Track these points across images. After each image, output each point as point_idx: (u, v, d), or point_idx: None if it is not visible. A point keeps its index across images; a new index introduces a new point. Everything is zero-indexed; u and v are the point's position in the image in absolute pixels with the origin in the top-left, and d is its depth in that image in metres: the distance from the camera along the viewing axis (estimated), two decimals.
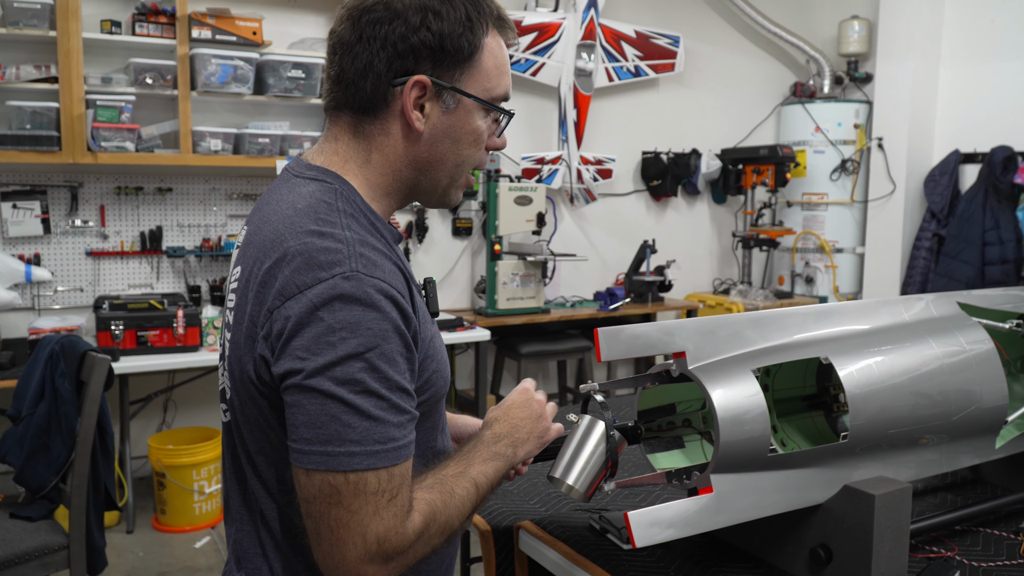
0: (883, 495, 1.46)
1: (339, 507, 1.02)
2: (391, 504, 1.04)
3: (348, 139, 1.21)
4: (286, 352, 1.04)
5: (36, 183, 4.32)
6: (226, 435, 1.28)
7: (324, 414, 1.02)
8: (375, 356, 1.03)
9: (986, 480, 2.10)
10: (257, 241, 1.15)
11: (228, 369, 1.19)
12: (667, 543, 1.74)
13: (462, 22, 1.15)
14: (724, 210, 6.64)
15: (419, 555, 1.11)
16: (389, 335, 1.05)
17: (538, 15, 5.44)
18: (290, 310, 1.04)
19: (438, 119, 1.18)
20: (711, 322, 1.63)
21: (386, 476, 1.04)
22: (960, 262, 5.52)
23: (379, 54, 1.14)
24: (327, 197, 1.15)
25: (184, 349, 4.15)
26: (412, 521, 1.08)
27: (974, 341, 1.80)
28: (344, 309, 1.02)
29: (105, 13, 4.25)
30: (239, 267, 1.19)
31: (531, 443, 1.37)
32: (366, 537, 1.03)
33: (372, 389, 1.03)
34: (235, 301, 1.17)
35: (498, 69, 1.22)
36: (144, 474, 4.67)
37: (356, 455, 1.02)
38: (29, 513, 2.83)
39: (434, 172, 1.23)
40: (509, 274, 5.06)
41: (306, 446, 1.03)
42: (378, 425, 1.03)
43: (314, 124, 4.85)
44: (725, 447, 1.47)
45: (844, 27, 6.38)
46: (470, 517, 1.22)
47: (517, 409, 1.38)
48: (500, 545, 1.93)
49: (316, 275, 1.04)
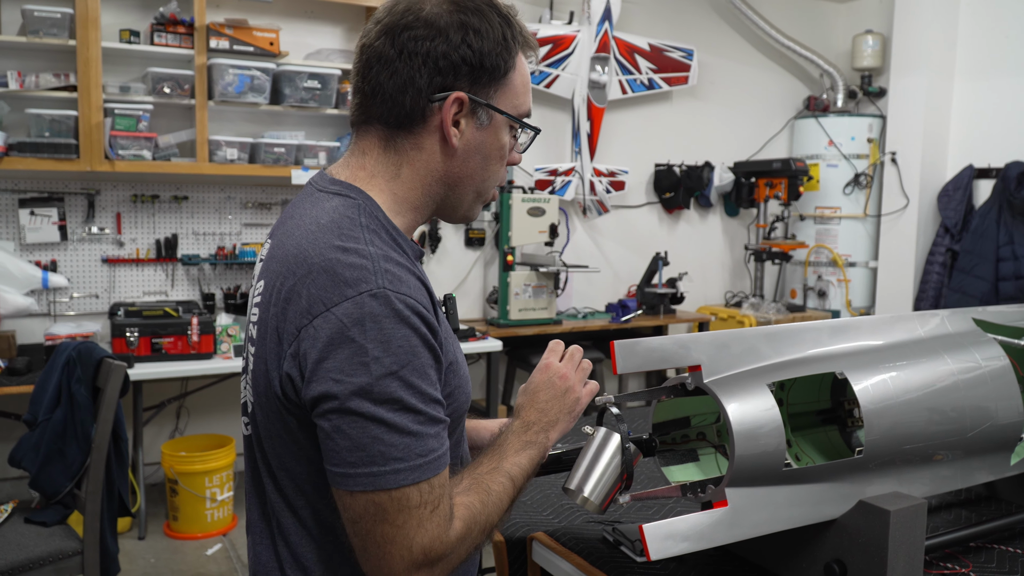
0: (898, 511, 1.46)
1: (384, 523, 1.04)
2: (434, 515, 1.06)
3: (377, 153, 1.22)
4: (318, 375, 1.04)
5: (54, 190, 4.35)
6: (247, 448, 1.28)
7: (366, 436, 1.03)
8: (409, 372, 1.04)
9: (1000, 497, 2.09)
10: (280, 256, 1.16)
11: (252, 383, 1.19)
12: (680, 557, 1.75)
13: (499, 41, 1.17)
14: (736, 223, 6.64)
15: (462, 556, 1.13)
16: (419, 350, 1.06)
17: (553, 27, 5.47)
18: (319, 330, 1.04)
19: (472, 135, 1.20)
20: (726, 336, 1.63)
21: (427, 488, 1.05)
22: (974, 277, 5.50)
23: (420, 70, 1.15)
24: (350, 212, 1.16)
25: (198, 356, 4.17)
26: (454, 528, 1.09)
27: (989, 357, 1.80)
28: (374, 328, 1.03)
29: (124, 23, 4.29)
30: (262, 281, 1.19)
31: (563, 422, 1.36)
32: (412, 549, 1.05)
33: (410, 405, 1.04)
34: (258, 315, 1.17)
35: (524, 87, 1.24)
36: (157, 481, 4.69)
37: (400, 472, 1.03)
38: (43, 518, 2.85)
39: (463, 187, 1.24)
40: (521, 285, 5.07)
41: (350, 469, 1.04)
42: (418, 440, 1.05)
43: (329, 134, 4.88)
44: (740, 461, 1.47)
45: (858, 41, 6.39)
46: (509, 509, 1.24)
47: (541, 392, 1.37)
48: (513, 556, 1.94)
49: (343, 292, 1.05)
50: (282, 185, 4.82)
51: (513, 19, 1.21)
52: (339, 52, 4.79)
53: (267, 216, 4.88)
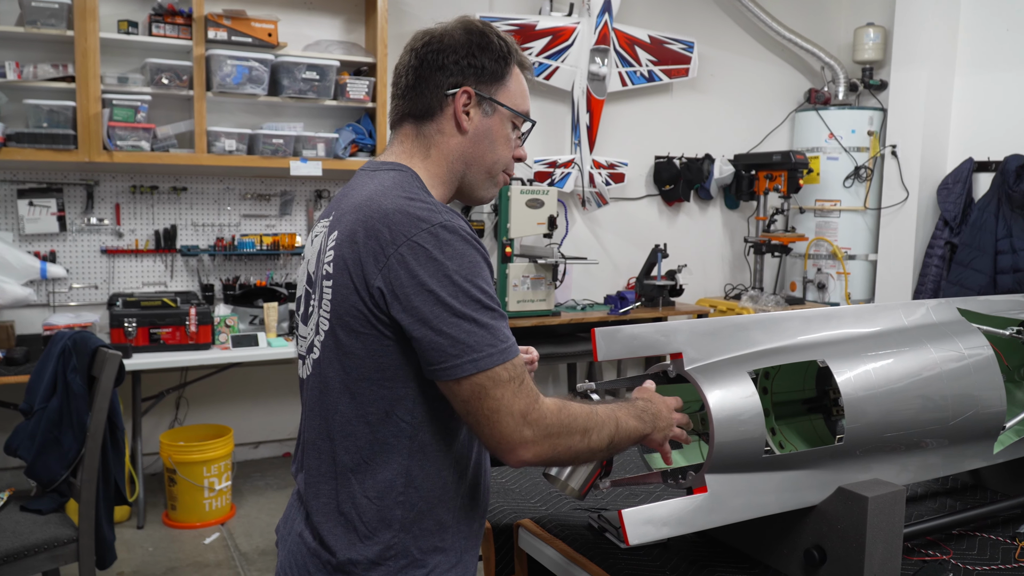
0: (876, 497, 1.47)
1: (487, 399, 1.29)
2: (522, 387, 1.31)
3: (411, 141, 1.50)
4: (411, 291, 1.28)
5: (52, 181, 4.37)
6: (311, 388, 1.45)
7: (461, 331, 1.28)
8: (479, 280, 1.31)
9: (986, 485, 2.10)
10: (352, 208, 1.39)
11: (331, 313, 1.38)
12: (665, 543, 1.76)
13: (498, 55, 1.48)
14: (736, 215, 6.64)
15: (561, 440, 1.34)
16: (481, 264, 1.34)
17: (552, 19, 5.46)
18: (406, 256, 1.29)
19: (480, 121, 1.49)
20: (709, 324, 1.64)
21: (511, 367, 1.30)
22: (972, 270, 5.50)
23: (437, 73, 1.46)
24: (406, 179, 1.43)
25: (196, 347, 4.19)
26: (546, 403, 1.33)
27: (973, 347, 1.80)
28: (450, 248, 1.29)
29: (122, 13, 4.30)
30: (335, 231, 1.39)
31: (661, 433, 1.52)
32: (513, 413, 1.29)
33: (486, 304, 1.31)
34: (334, 255, 1.38)
35: (521, 95, 1.54)
36: (156, 470, 4.71)
37: (492, 355, 1.29)
38: (39, 506, 2.86)
39: (477, 166, 1.51)
40: (520, 276, 5.07)
41: (455, 360, 1.28)
42: (496, 330, 1.30)
43: (327, 125, 4.89)
44: (720, 447, 1.48)
45: (859, 34, 6.37)
46: (606, 449, 1.42)
47: (660, 404, 1.55)
48: (500, 543, 1.95)
49: (418, 225, 1.30)
50: (281, 176, 4.82)
51: (511, 44, 1.51)
52: (338, 43, 4.79)
53: (266, 207, 4.90)
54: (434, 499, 1.40)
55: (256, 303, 4.65)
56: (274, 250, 4.83)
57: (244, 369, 4.79)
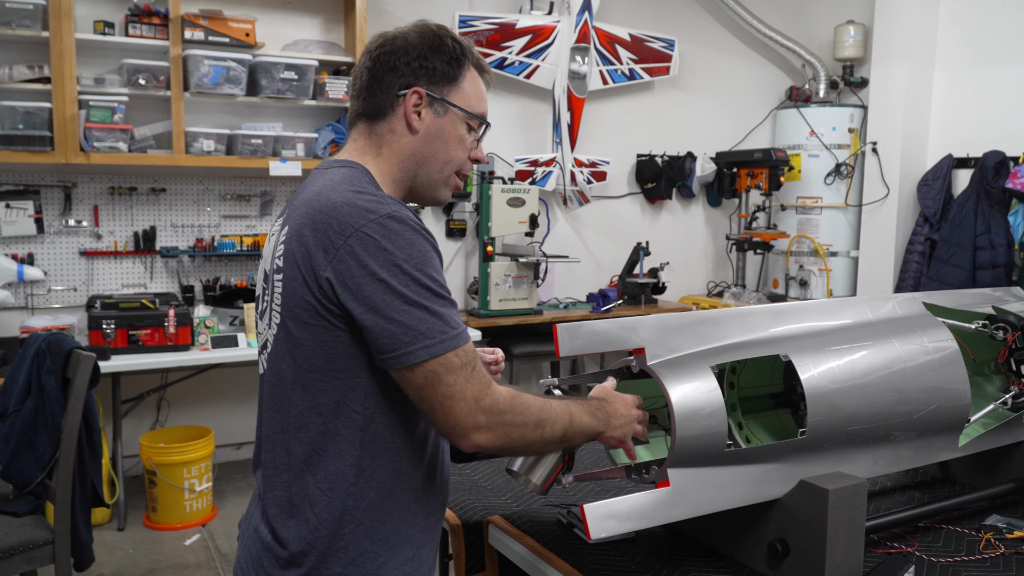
0: (837, 490, 1.48)
1: (440, 385, 1.31)
2: (474, 373, 1.33)
3: (364, 140, 1.52)
4: (361, 281, 1.30)
5: (29, 183, 4.35)
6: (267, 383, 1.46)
7: (412, 319, 1.30)
8: (430, 268, 1.34)
9: (955, 479, 2.12)
10: (302, 204, 1.41)
11: (281, 306, 1.40)
12: (632, 537, 1.77)
13: (452, 56, 1.50)
14: (719, 213, 6.66)
15: (514, 430, 1.36)
16: (431, 253, 1.35)
17: (532, 18, 5.47)
18: (354, 246, 1.30)
19: (431, 122, 1.50)
20: (672, 319, 1.65)
21: (463, 353, 1.32)
22: (952, 266, 5.52)
23: (389, 73, 1.48)
24: (355, 175, 1.44)
25: (175, 348, 4.17)
26: (499, 390, 1.36)
27: (937, 341, 1.81)
28: (398, 238, 1.31)
29: (98, 14, 4.28)
30: (287, 226, 1.41)
31: (619, 431, 1.53)
32: (466, 399, 1.31)
33: (436, 291, 1.33)
34: (284, 250, 1.39)
35: (477, 96, 1.54)
36: (136, 472, 4.70)
37: (444, 341, 1.31)
38: (15, 508, 2.85)
39: (428, 166, 1.52)
40: (502, 275, 5.08)
41: (407, 348, 1.30)
42: (447, 318, 1.33)
43: (307, 125, 4.88)
44: (682, 442, 1.49)
45: (840, 32, 6.40)
46: (559, 442, 1.44)
47: (618, 402, 1.56)
48: (470, 540, 1.95)
49: (366, 216, 1.31)
50: (260, 177, 4.81)
51: (466, 46, 1.52)
52: (317, 43, 4.78)
53: (246, 208, 4.88)
54: (386, 491, 1.40)
55: (236, 304, 4.63)
56: (254, 251, 4.82)
57: (225, 370, 4.78)
